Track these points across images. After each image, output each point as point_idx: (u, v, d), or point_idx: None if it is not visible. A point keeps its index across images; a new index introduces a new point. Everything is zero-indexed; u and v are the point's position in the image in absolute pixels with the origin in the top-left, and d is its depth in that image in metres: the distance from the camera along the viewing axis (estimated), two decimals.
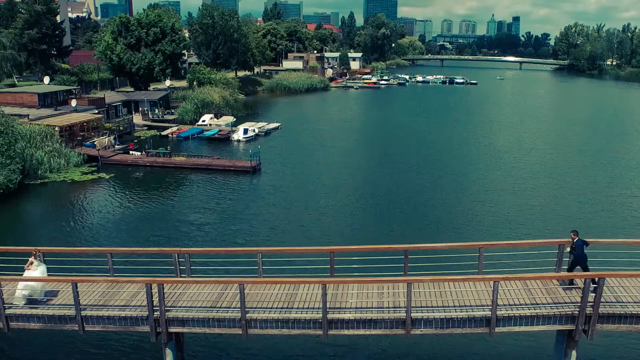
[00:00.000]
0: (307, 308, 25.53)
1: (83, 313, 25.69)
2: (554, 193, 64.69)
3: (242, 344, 31.27)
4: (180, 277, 28.55)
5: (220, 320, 25.41)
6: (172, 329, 25.73)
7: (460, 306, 25.08)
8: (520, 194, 63.64)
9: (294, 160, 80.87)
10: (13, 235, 48.52)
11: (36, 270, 26.80)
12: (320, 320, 24.71)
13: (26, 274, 26.75)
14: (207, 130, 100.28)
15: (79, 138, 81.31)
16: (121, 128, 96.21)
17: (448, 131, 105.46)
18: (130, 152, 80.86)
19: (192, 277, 28.60)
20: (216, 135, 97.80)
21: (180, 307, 26.03)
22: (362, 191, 65.11)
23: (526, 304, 24.99)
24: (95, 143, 79.78)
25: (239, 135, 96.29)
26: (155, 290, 24.98)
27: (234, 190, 65.28)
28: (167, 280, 26.80)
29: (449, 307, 25.07)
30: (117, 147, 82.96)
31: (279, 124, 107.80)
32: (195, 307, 25.99)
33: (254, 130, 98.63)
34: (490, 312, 24.24)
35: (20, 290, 26.47)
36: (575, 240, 26.23)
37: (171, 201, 60.85)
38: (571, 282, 26.22)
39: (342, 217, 55.38)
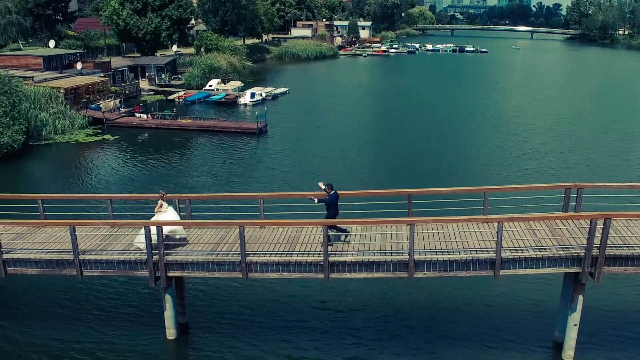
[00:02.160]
0: (309, 251, 25.08)
1: (81, 257, 25.31)
2: (561, 144, 65.14)
3: (243, 288, 31.12)
4: None
5: (220, 264, 25.00)
6: (171, 273, 25.35)
7: (464, 249, 24.54)
8: (528, 144, 64.28)
9: (301, 123, 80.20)
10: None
11: (166, 212, 26.21)
12: (322, 263, 24.22)
13: (155, 217, 26.19)
14: (214, 95, 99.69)
15: (84, 100, 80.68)
16: (127, 92, 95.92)
17: (457, 95, 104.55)
18: (136, 114, 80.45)
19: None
20: (223, 100, 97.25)
21: (179, 251, 25.67)
22: (369, 149, 65.10)
23: (531, 246, 24.43)
24: (100, 106, 79.40)
25: (246, 99, 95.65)
26: (154, 233, 24.54)
27: (239, 150, 65.04)
28: (166, 222, 26.36)
29: (452, 249, 24.54)
30: (122, 110, 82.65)
31: (287, 89, 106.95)
32: (195, 250, 25.62)
33: (261, 95, 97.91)
34: (494, 254, 23.67)
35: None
36: (331, 193, 25.72)
37: (176, 161, 60.65)
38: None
39: (348, 170, 55.34)
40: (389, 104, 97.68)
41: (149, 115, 79.66)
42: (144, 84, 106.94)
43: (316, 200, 25.90)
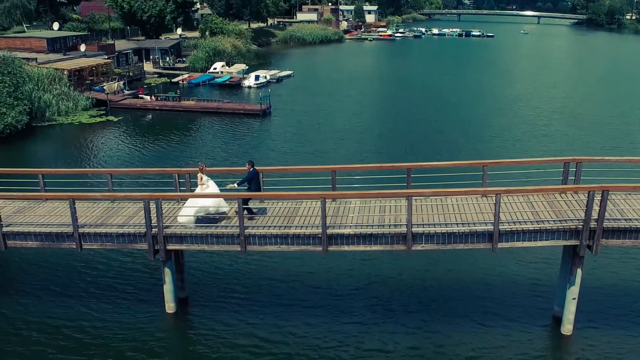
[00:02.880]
0: (307, 225, 25.11)
1: (81, 230, 25.43)
2: (564, 126, 65.62)
3: (242, 263, 31.22)
4: None
5: (219, 237, 25.05)
6: (170, 246, 25.43)
7: (462, 221, 24.56)
8: (531, 125, 65.14)
9: (305, 105, 79.94)
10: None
11: (208, 186, 26.26)
12: (320, 236, 24.23)
13: (198, 190, 26.24)
14: (219, 77, 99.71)
15: (87, 82, 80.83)
16: (131, 74, 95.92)
17: (462, 79, 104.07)
18: (140, 96, 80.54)
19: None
20: (227, 82, 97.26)
21: (179, 224, 25.67)
22: (372, 131, 65.24)
23: (529, 219, 24.43)
24: (104, 87, 79.48)
25: (250, 81, 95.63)
26: (153, 206, 24.59)
27: (243, 132, 65.12)
28: (165, 195, 26.52)
29: (450, 222, 24.56)
30: (126, 92, 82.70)
31: (292, 72, 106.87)
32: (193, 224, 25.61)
33: (265, 77, 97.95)
34: (492, 227, 23.64)
35: (192, 207, 25.78)
36: (250, 170, 25.90)
37: (179, 142, 60.68)
38: None
39: (350, 149, 55.75)
40: (393, 88, 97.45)
41: (153, 97, 79.78)
42: (148, 66, 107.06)
43: (236, 184, 26.06)
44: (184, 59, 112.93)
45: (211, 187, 26.31)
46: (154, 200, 24.60)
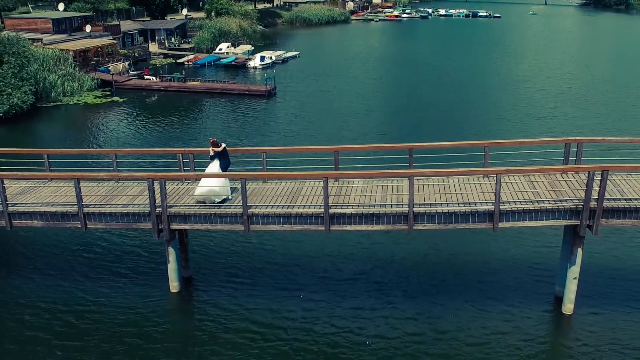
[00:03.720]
0: (310, 204, 25.30)
1: (85, 210, 25.62)
2: (569, 107, 65.66)
3: (246, 242, 31.45)
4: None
5: (222, 217, 25.28)
6: (174, 226, 25.58)
7: (463, 201, 24.72)
8: (536, 106, 65.15)
9: (310, 86, 79.72)
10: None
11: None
12: (322, 215, 24.40)
13: (210, 168, 26.36)
14: (224, 58, 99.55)
15: (93, 63, 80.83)
16: (136, 55, 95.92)
17: (469, 60, 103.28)
18: (145, 77, 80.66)
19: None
20: (233, 63, 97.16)
21: (182, 204, 25.90)
22: (377, 111, 65.36)
23: (530, 199, 24.55)
24: (109, 68, 79.63)
25: (255, 62, 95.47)
26: (157, 186, 24.77)
27: (247, 112, 65.23)
28: (169, 175, 26.75)
29: (452, 202, 24.71)
30: (131, 73, 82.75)
31: (297, 53, 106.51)
32: (197, 203, 25.83)
33: (271, 58, 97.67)
34: (493, 207, 23.79)
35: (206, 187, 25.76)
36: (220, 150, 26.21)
37: (184, 122, 60.91)
38: None
39: (355, 130, 55.77)
40: (399, 69, 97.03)
41: (158, 78, 79.91)
42: (153, 47, 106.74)
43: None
44: (190, 40, 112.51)
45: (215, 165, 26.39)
46: (158, 180, 24.76)
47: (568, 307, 25.60)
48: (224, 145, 26.59)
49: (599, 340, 24.16)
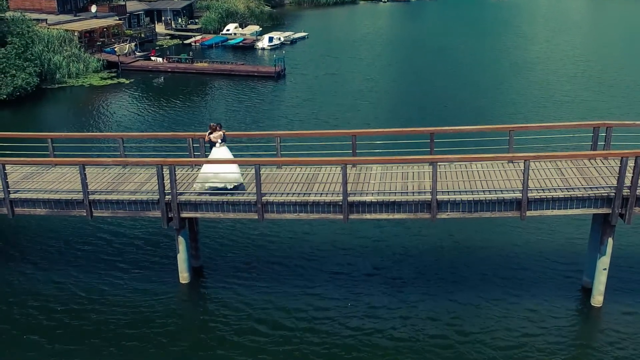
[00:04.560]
0: (327, 192, 24.07)
1: (91, 197, 24.48)
2: (588, 89, 63.55)
3: (259, 231, 30.23)
4: None
5: (235, 204, 24.05)
6: (185, 214, 24.45)
7: (489, 189, 23.50)
8: (554, 87, 63.19)
9: (320, 67, 78.24)
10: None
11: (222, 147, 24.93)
12: (341, 204, 23.20)
13: (214, 153, 24.88)
14: (232, 39, 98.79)
15: (98, 44, 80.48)
16: (142, 35, 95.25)
17: (480, 41, 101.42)
18: (152, 58, 79.99)
19: None
20: (240, 44, 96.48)
21: (193, 191, 24.72)
22: (389, 93, 64.05)
23: (559, 186, 23.33)
24: (115, 49, 79.12)
25: (263, 43, 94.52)
26: (166, 172, 23.55)
27: (257, 94, 64.30)
28: (179, 161, 25.60)
29: (477, 190, 23.50)
30: (138, 54, 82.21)
31: (306, 34, 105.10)
32: (208, 191, 24.61)
33: (279, 39, 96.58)
34: (520, 195, 22.63)
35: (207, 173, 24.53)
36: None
37: (192, 105, 60.09)
38: None
39: (368, 113, 54.55)
40: (410, 50, 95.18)
41: (165, 59, 79.33)
42: (160, 28, 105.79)
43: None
44: (197, 21, 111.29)
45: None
46: (167, 166, 23.57)
47: (597, 299, 24.47)
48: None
49: (629, 333, 23.02)
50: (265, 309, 24.62)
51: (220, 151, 24.73)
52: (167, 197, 23.88)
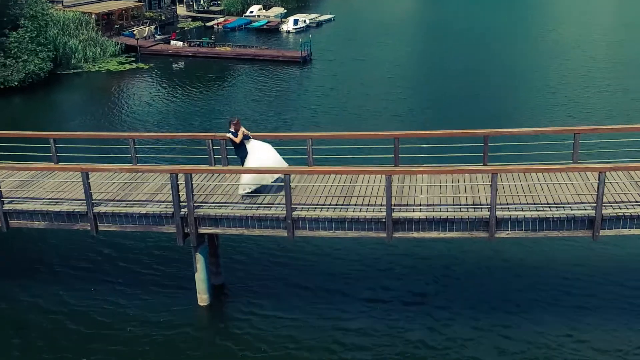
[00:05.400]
0: (368, 205, 21.02)
1: (96, 209, 21.68)
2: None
3: (288, 244, 26.83)
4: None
5: (262, 220, 21.06)
6: (203, 230, 21.56)
7: (554, 203, 20.26)
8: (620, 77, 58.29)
9: (348, 52, 75.20)
10: (35, 127, 44.58)
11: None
12: (384, 220, 20.18)
13: (253, 146, 22.57)
14: (255, 22, 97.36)
15: (116, 27, 79.93)
16: (163, 18, 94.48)
17: (516, 25, 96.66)
18: (172, 42, 78.88)
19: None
20: (264, 27, 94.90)
21: (213, 203, 21.84)
22: (424, 83, 60.52)
23: (637, 201, 20.07)
24: (134, 32, 78.03)
25: (288, 26, 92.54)
26: (182, 182, 20.63)
27: (282, 81, 62.41)
28: (196, 169, 22.62)
29: (541, 204, 20.26)
30: (158, 37, 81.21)
31: (333, 16, 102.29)
32: (231, 203, 21.72)
33: (305, 22, 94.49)
34: (593, 211, 19.44)
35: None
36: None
37: (213, 92, 58.45)
38: None
39: (407, 103, 51.47)
40: (442, 35, 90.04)
41: (186, 43, 78.38)
42: (181, 10, 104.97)
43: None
44: (219, 2, 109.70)
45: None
46: (184, 174, 20.60)
47: None
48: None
49: None
50: (294, 335, 21.72)
51: (258, 144, 22.49)
52: (182, 210, 20.97)
